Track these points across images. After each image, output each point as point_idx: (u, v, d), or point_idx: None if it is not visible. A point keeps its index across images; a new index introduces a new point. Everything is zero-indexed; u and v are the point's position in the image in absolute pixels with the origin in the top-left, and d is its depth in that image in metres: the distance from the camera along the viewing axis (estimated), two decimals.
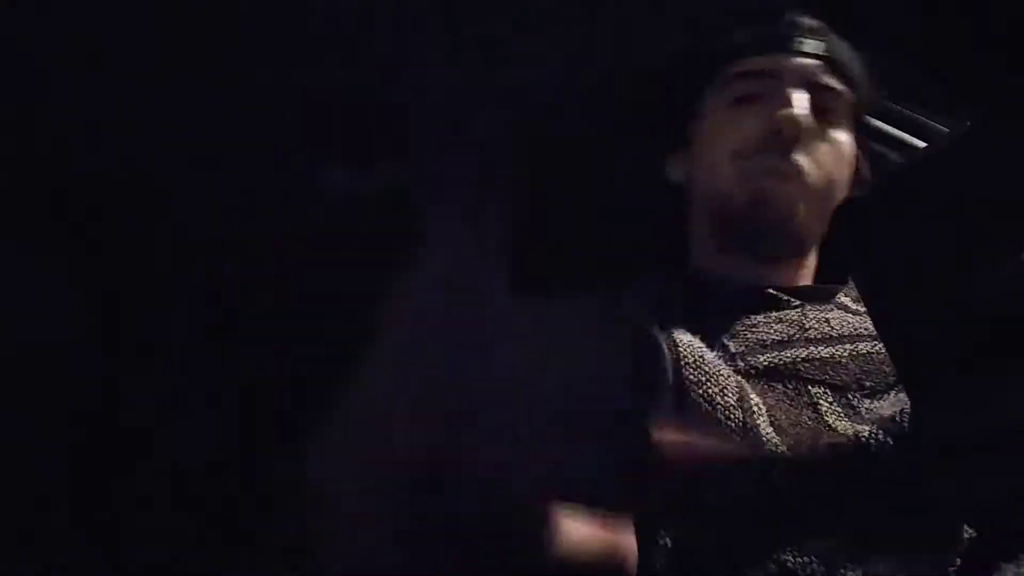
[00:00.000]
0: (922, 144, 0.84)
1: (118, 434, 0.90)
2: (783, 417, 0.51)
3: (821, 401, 0.52)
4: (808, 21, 0.71)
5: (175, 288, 0.91)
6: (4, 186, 0.81)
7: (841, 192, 0.70)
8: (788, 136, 0.64)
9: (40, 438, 0.86)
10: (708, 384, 0.51)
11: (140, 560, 0.85)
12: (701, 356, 0.53)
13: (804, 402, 0.52)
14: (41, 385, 0.87)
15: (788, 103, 0.64)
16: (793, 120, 0.64)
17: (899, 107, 0.88)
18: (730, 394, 0.50)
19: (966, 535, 0.40)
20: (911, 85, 0.88)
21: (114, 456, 0.89)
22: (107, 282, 0.90)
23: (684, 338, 0.55)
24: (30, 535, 0.83)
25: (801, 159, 0.65)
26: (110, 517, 0.87)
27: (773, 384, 0.54)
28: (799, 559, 0.41)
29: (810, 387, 0.53)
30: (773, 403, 0.52)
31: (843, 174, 0.70)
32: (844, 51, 0.72)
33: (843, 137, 0.69)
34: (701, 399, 0.50)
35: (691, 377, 0.51)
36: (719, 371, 0.53)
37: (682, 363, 0.52)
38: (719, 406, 0.50)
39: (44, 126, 0.79)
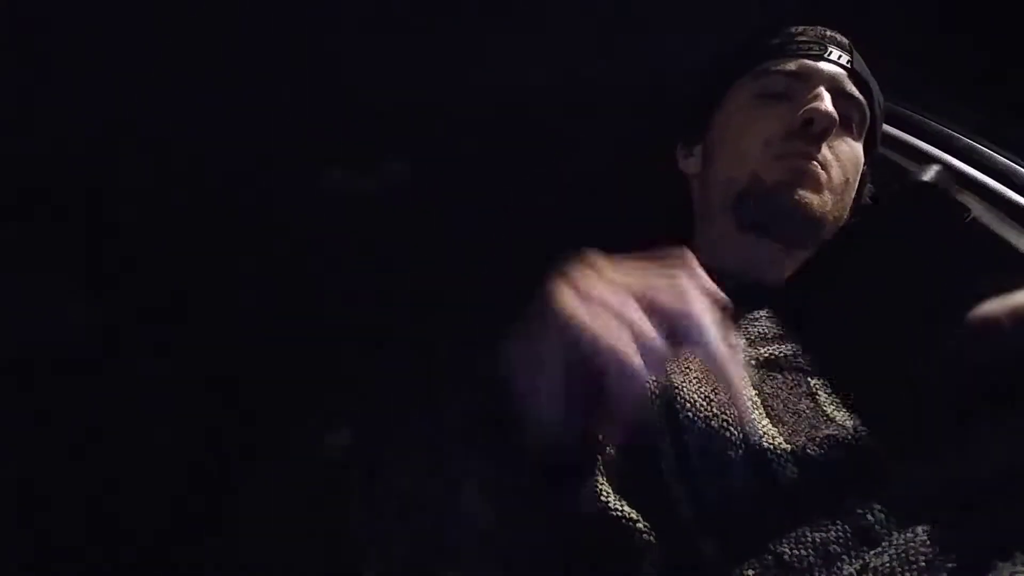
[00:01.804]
0: (922, 144, 0.84)
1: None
2: (780, 407, 0.51)
3: (819, 392, 0.52)
4: (836, 34, 0.74)
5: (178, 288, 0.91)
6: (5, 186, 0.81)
7: (849, 199, 0.70)
8: (818, 129, 0.66)
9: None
10: (701, 384, 0.51)
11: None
12: (688, 364, 0.54)
13: (802, 392, 0.53)
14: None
15: (820, 99, 0.67)
16: (825, 114, 0.66)
17: (899, 107, 0.88)
18: (722, 392, 0.51)
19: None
20: (911, 85, 0.89)
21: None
22: (109, 283, 0.90)
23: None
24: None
25: (827, 152, 0.67)
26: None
27: (773, 374, 0.54)
28: (795, 551, 0.41)
29: (809, 378, 0.53)
30: (771, 392, 0.52)
31: (854, 183, 0.71)
32: (865, 67, 0.74)
33: (857, 147, 0.71)
34: (697, 397, 0.50)
35: (683, 381, 0.51)
36: (708, 373, 0.53)
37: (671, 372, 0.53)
38: (714, 403, 0.50)
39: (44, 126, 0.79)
